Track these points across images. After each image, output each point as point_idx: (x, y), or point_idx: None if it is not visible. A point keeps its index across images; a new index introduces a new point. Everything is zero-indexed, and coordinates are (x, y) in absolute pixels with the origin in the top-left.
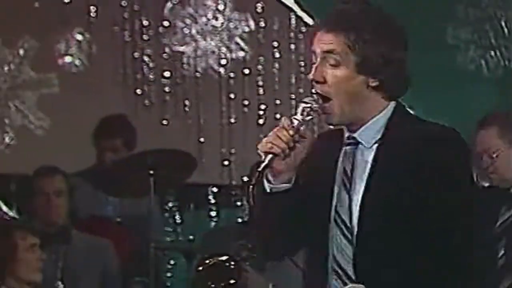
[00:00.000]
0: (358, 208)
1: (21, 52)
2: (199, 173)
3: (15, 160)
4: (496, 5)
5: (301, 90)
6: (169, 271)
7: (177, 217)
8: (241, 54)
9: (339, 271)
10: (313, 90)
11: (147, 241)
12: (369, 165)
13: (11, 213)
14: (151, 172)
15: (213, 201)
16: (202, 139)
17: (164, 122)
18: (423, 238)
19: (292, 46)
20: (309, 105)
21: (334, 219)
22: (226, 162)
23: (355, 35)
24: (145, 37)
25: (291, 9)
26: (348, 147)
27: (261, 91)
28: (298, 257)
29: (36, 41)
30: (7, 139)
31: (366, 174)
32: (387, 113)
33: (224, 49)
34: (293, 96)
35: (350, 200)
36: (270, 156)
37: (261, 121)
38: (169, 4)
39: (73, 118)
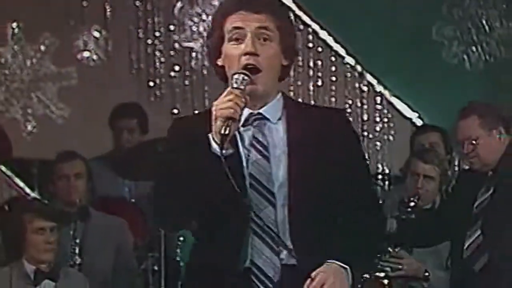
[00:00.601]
0: (285, 173)
1: (42, 48)
2: None
3: (37, 146)
4: (477, 4)
5: (299, 82)
6: (179, 247)
7: None
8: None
9: (261, 232)
10: (242, 63)
11: None
12: (284, 138)
13: (32, 194)
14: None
15: None
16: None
17: (174, 111)
18: (335, 195)
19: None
20: (243, 76)
21: (250, 184)
22: None
23: (281, 18)
24: (157, 34)
25: (289, 8)
26: (257, 122)
27: None
28: None
29: (56, 38)
30: (29, 127)
31: (283, 142)
32: (279, 95)
33: None
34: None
35: (269, 165)
36: (230, 121)
37: None
38: (179, 4)
39: (91, 108)
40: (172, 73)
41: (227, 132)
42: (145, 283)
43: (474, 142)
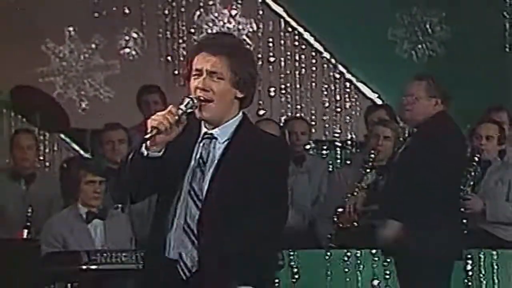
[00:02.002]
0: (207, 183)
1: (93, 45)
2: None
3: (89, 119)
4: (422, 12)
5: (288, 71)
6: None
7: None
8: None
9: (188, 230)
10: (195, 94)
11: None
12: (218, 156)
13: (86, 155)
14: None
15: None
16: None
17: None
18: (252, 206)
19: (282, 41)
20: (191, 101)
21: (188, 191)
22: None
23: (233, 59)
24: (180, 34)
25: (281, 16)
26: (206, 140)
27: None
28: None
29: (104, 38)
30: (83, 105)
31: (216, 161)
32: (237, 119)
33: None
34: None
35: (203, 178)
36: (155, 130)
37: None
38: (197, 13)
39: (130, 91)
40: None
41: (147, 136)
42: None
43: (415, 98)
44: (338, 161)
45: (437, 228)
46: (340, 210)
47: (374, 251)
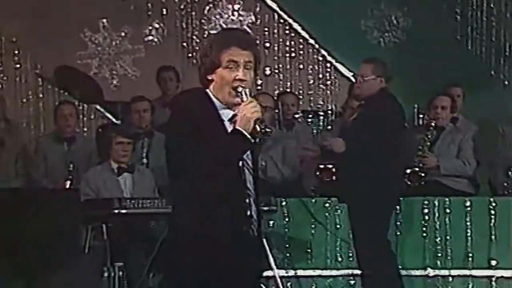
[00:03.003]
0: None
1: (122, 34)
2: None
3: (119, 93)
4: (389, 7)
5: (280, 54)
6: None
7: None
8: None
9: (249, 192)
10: (234, 84)
11: None
12: None
13: (116, 122)
14: None
15: None
16: None
17: None
18: None
19: (275, 31)
20: (243, 89)
21: (242, 164)
22: None
23: (257, 52)
24: (194, 25)
25: (275, 10)
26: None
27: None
28: None
29: (131, 28)
30: (114, 82)
31: None
32: None
33: None
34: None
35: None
36: (261, 120)
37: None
38: (207, 7)
39: (151, 71)
40: None
41: (259, 129)
42: None
43: (364, 78)
44: (321, 127)
45: (378, 179)
46: (321, 166)
47: None
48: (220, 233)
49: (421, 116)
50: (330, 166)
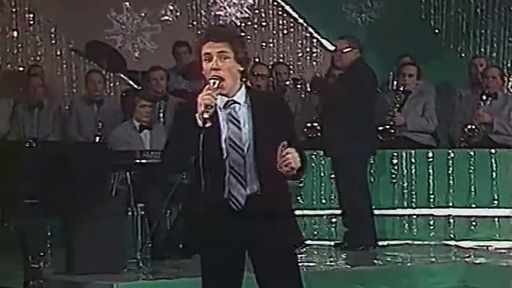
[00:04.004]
0: (248, 135)
1: (142, 14)
2: None
3: (140, 64)
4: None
5: (272, 30)
6: None
7: None
8: (246, 15)
9: (234, 173)
10: (212, 74)
11: None
12: (249, 113)
13: (137, 87)
14: None
15: None
16: None
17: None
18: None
19: (270, 12)
20: (213, 80)
21: (229, 144)
22: None
23: (233, 42)
24: (202, 6)
25: None
26: (232, 105)
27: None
28: None
29: (149, 9)
30: (136, 55)
31: (249, 117)
32: (243, 87)
33: (239, 14)
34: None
35: (240, 132)
36: (209, 107)
37: None
38: None
39: (167, 45)
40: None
41: (207, 115)
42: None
43: (342, 51)
44: (308, 92)
45: (355, 135)
46: (308, 125)
47: None
48: (204, 206)
49: (392, 82)
50: (316, 124)
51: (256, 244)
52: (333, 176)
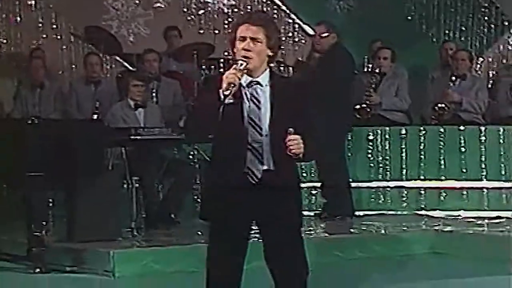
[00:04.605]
0: (267, 115)
1: (137, 1)
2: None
3: (134, 47)
4: None
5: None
6: None
7: None
8: (233, 2)
9: (253, 150)
10: (242, 53)
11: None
12: (268, 94)
13: (132, 69)
14: (194, 51)
15: None
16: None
17: (201, 31)
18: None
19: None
20: (244, 61)
21: (248, 122)
22: None
23: (268, 29)
24: None
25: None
26: (254, 85)
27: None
28: None
29: None
30: (131, 38)
31: (268, 98)
32: (267, 70)
33: (226, 1)
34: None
35: (260, 111)
36: (232, 85)
37: None
38: None
39: (159, 30)
40: (200, 12)
41: (227, 92)
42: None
43: (320, 36)
44: (291, 74)
45: (334, 113)
46: None
47: None
48: (220, 178)
49: (368, 65)
50: None
51: (266, 214)
52: None
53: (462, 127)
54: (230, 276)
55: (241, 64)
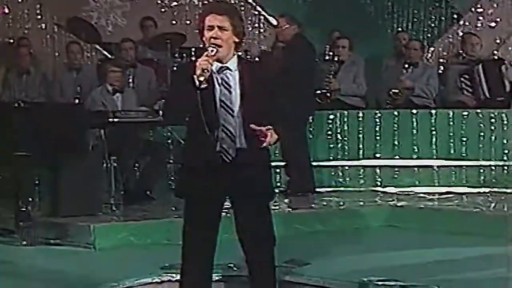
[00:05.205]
0: (238, 97)
1: None
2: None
3: (113, 37)
4: None
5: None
6: None
7: None
8: None
9: (226, 130)
10: (212, 41)
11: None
12: (238, 78)
13: (111, 57)
14: (168, 40)
15: None
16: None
17: (174, 22)
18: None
19: None
20: (212, 48)
21: (220, 105)
22: None
23: (233, 17)
24: None
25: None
26: (224, 71)
27: None
28: None
29: None
30: (110, 28)
31: (238, 82)
32: (235, 56)
33: None
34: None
35: (230, 94)
36: (206, 70)
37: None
38: None
39: (136, 20)
40: (174, 4)
41: (201, 78)
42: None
43: (283, 27)
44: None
45: (298, 98)
46: None
47: None
48: (196, 157)
49: (329, 53)
50: None
51: (239, 190)
52: None
53: (414, 111)
54: (204, 249)
55: (212, 51)
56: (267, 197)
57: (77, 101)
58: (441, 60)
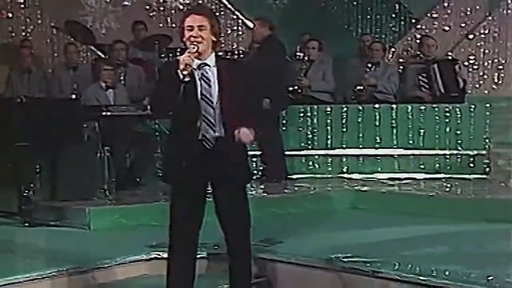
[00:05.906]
0: (216, 91)
1: (107, 0)
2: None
3: (106, 39)
4: None
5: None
6: None
7: None
8: (188, 1)
9: (206, 120)
10: (192, 40)
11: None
12: (216, 74)
13: (104, 56)
14: (156, 42)
15: None
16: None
17: (161, 25)
18: (239, 100)
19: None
20: (193, 46)
21: (201, 98)
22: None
23: (210, 18)
24: None
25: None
26: (204, 67)
27: None
28: None
29: None
30: (103, 31)
31: (216, 76)
32: (213, 54)
33: (181, 0)
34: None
35: (210, 88)
36: (188, 65)
37: None
38: None
39: (127, 24)
40: (160, 9)
41: (185, 72)
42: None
43: (258, 29)
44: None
45: (272, 94)
46: None
47: None
48: (179, 145)
49: (299, 53)
50: None
51: (219, 175)
52: None
53: (377, 106)
54: (190, 230)
55: (193, 48)
56: (244, 180)
57: (74, 96)
58: (400, 60)
